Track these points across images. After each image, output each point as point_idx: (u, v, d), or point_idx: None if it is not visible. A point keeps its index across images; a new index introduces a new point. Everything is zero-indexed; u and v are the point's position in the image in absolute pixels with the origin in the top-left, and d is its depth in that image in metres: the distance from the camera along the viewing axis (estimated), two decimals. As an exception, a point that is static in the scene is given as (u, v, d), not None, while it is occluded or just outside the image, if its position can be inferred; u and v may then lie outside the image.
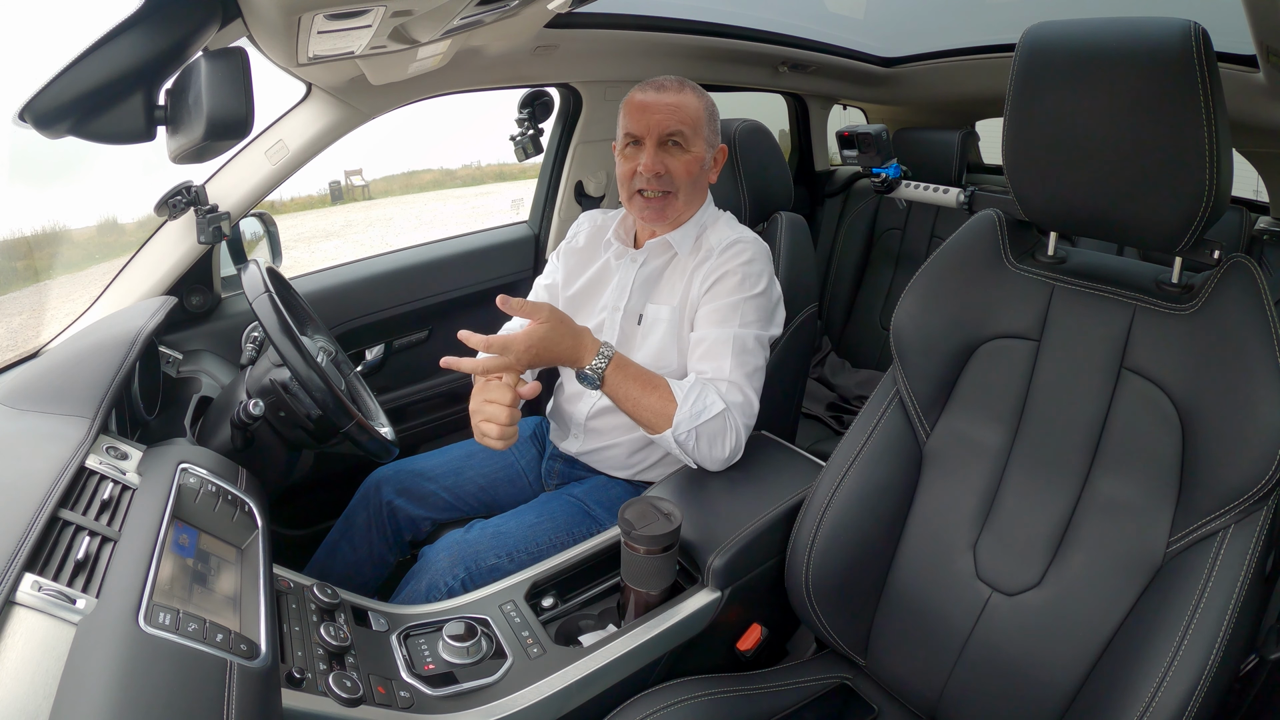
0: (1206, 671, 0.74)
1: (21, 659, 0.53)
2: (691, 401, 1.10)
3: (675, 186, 1.23)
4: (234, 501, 0.85)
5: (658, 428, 1.10)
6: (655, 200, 1.23)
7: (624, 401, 1.11)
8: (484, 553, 1.15)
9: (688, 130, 1.21)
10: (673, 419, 1.09)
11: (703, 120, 1.23)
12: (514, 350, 1.03)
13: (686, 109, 1.21)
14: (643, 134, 1.21)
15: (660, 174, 1.21)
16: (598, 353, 1.09)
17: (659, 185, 1.22)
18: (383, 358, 1.74)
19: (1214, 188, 0.76)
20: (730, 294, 1.20)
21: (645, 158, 1.20)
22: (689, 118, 1.21)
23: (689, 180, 1.23)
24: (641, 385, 1.10)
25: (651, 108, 1.20)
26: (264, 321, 0.97)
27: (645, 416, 1.10)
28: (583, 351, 1.09)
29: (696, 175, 1.24)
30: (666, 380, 1.12)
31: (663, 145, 1.21)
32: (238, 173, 1.41)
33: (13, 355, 1.22)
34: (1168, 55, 0.74)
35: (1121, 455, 0.87)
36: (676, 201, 1.24)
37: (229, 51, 0.83)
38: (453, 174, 14.15)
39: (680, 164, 1.22)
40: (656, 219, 1.26)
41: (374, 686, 0.83)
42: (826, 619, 1.03)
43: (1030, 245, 1.01)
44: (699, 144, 1.23)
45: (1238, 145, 1.67)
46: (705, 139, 1.24)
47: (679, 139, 1.21)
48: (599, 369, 1.09)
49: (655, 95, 1.21)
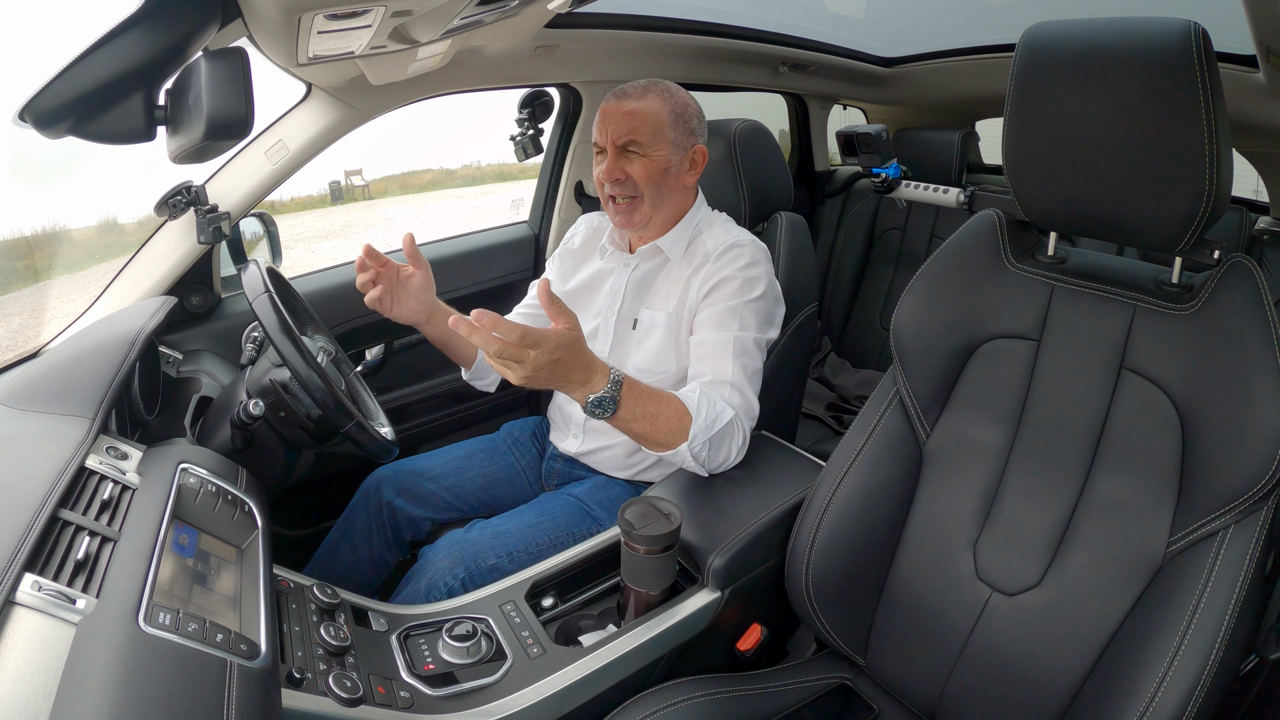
0: (1206, 671, 0.74)
1: (21, 659, 0.53)
2: (704, 412, 1.07)
3: (638, 191, 1.23)
4: (234, 501, 0.85)
5: (672, 443, 1.06)
6: (623, 205, 1.25)
7: (639, 421, 1.03)
8: (484, 553, 1.15)
9: (642, 137, 1.21)
10: (689, 432, 1.05)
11: (665, 123, 1.22)
12: (545, 347, 0.89)
13: (643, 115, 1.21)
14: (603, 143, 1.24)
15: (620, 180, 1.22)
16: (609, 376, 0.99)
17: (622, 190, 1.23)
18: (383, 358, 1.74)
19: (1214, 188, 0.76)
20: (730, 298, 1.20)
21: (606, 164, 1.23)
22: (644, 124, 1.21)
23: (651, 184, 1.23)
24: (656, 401, 1.04)
25: (609, 115, 1.23)
26: (264, 321, 0.97)
27: (660, 435, 1.05)
28: (594, 373, 0.98)
29: (660, 179, 1.23)
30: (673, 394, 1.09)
31: (622, 152, 1.22)
32: (238, 173, 1.41)
33: (13, 355, 1.22)
34: (1168, 55, 0.74)
35: (1121, 455, 0.87)
36: (643, 205, 1.24)
37: (229, 51, 0.83)
38: (453, 174, 14.15)
39: (639, 168, 1.22)
40: (625, 224, 1.27)
41: (374, 686, 0.83)
42: (826, 619, 1.03)
43: (1030, 245, 1.01)
44: (660, 147, 1.22)
45: (1238, 145, 1.67)
46: (671, 141, 1.23)
47: (634, 146, 1.22)
48: (616, 386, 0.99)
49: (615, 104, 1.23)
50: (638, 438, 1.07)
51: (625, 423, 1.03)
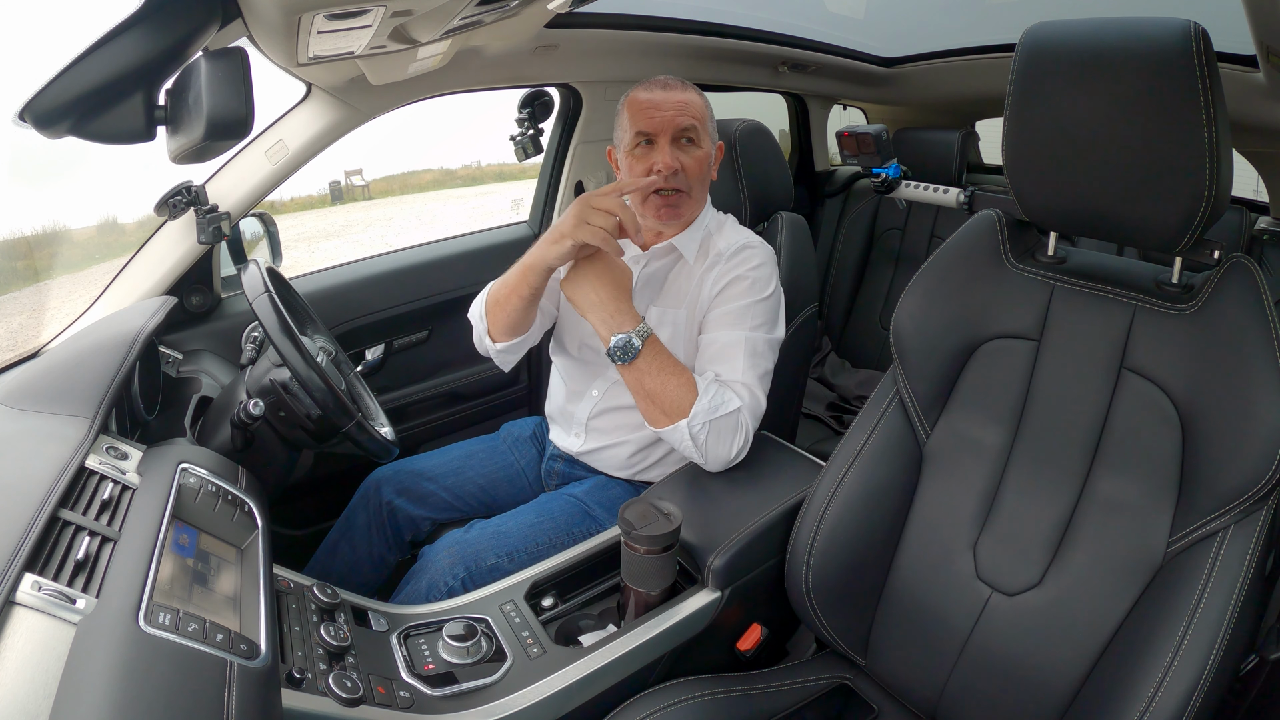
0: (1206, 671, 0.74)
1: (21, 659, 0.53)
2: (711, 395, 1.10)
3: (689, 184, 1.22)
4: (234, 501, 0.85)
5: (674, 416, 1.09)
6: (671, 198, 1.21)
7: (650, 378, 1.08)
8: (484, 552, 1.15)
9: (699, 126, 1.21)
10: (691, 408, 1.08)
11: (707, 117, 1.24)
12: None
13: (694, 106, 1.22)
14: (656, 131, 1.18)
15: (677, 170, 1.20)
16: (640, 322, 1.09)
17: (674, 183, 1.20)
18: (383, 358, 1.74)
19: (1214, 188, 0.76)
20: (741, 298, 1.20)
21: (661, 155, 1.18)
22: (698, 114, 1.22)
23: (699, 178, 1.23)
24: (671, 367, 1.10)
25: (662, 105, 1.19)
26: (264, 321, 0.97)
27: (665, 401, 1.09)
28: (629, 314, 1.09)
29: (704, 173, 1.24)
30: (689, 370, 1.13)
31: (676, 142, 1.20)
32: (238, 173, 1.41)
33: (13, 355, 1.22)
34: (1168, 55, 0.74)
35: (1121, 455, 0.87)
36: (689, 199, 1.23)
37: (229, 51, 0.83)
38: (453, 174, 14.14)
39: (693, 161, 1.21)
40: (672, 217, 1.24)
41: (374, 686, 0.83)
42: (826, 619, 1.03)
43: (1030, 245, 1.01)
44: (707, 141, 1.24)
45: (1238, 145, 1.66)
46: (710, 136, 1.25)
47: (692, 135, 1.20)
48: (643, 334, 1.08)
49: (663, 93, 1.20)
50: (646, 397, 1.10)
51: (640, 374, 1.09)
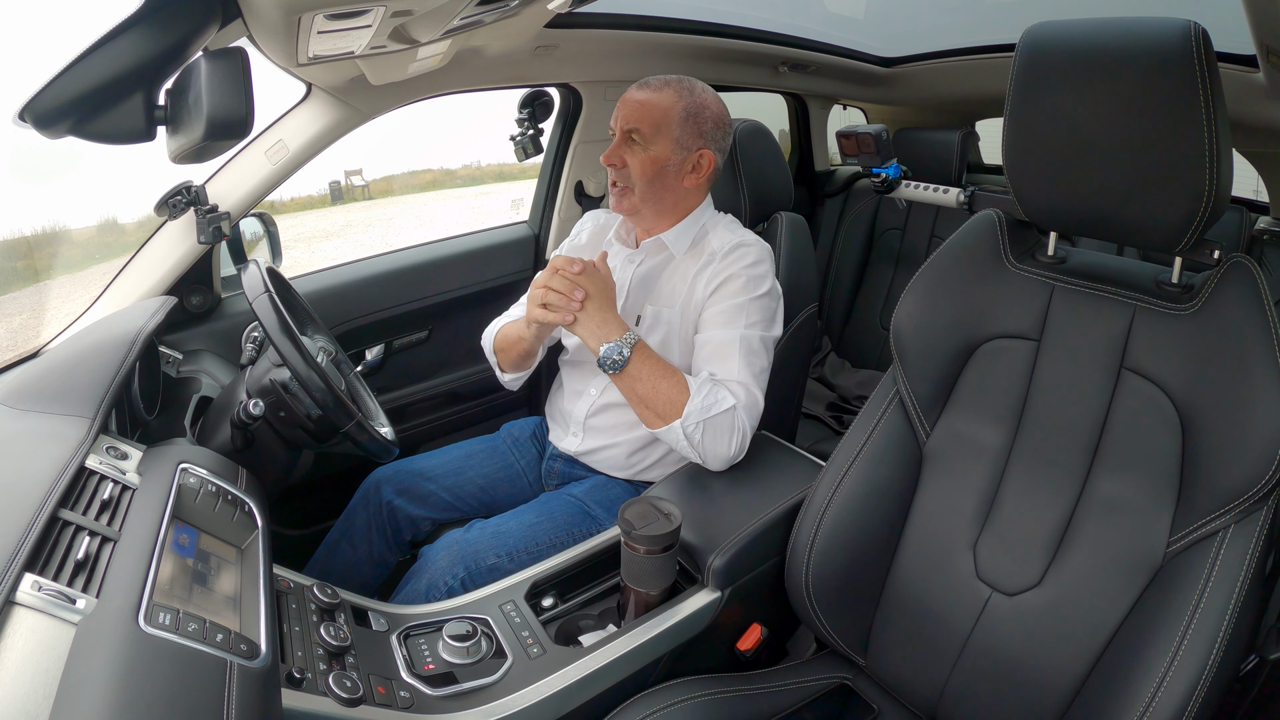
0: (1206, 672, 0.74)
1: (21, 659, 0.53)
2: (704, 394, 1.10)
3: (630, 182, 1.24)
4: (234, 501, 0.85)
5: (668, 417, 1.10)
6: (616, 190, 1.27)
7: (641, 383, 1.11)
8: (484, 552, 1.15)
9: (645, 129, 1.21)
10: (684, 409, 1.09)
11: (672, 120, 1.21)
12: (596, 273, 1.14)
13: (651, 107, 1.21)
14: (614, 127, 1.26)
15: (617, 166, 1.24)
16: (627, 330, 1.13)
17: (616, 177, 1.25)
18: (383, 358, 1.74)
19: (1214, 188, 0.76)
20: (735, 295, 1.20)
21: (611, 149, 1.25)
22: (649, 116, 1.21)
23: (643, 178, 1.23)
24: (662, 371, 1.12)
25: (627, 102, 1.24)
26: (264, 321, 0.97)
27: (659, 404, 1.11)
28: (612, 327, 1.13)
29: (653, 175, 1.23)
30: (681, 372, 1.14)
31: (626, 140, 1.23)
32: (238, 173, 1.41)
33: (13, 355, 1.22)
34: (1168, 55, 0.74)
35: (1121, 455, 0.87)
36: (632, 196, 1.25)
37: (229, 51, 0.83)
38: (453, 174, 14.13)
39: (635, 160, 1.23)
40: (616, 206, 1.29)
41: (374, 686, 0.83)
42: (826, 619, 1.03)
43: (1030, 245, 1.01)
44: (660, 144, 1.22)
45: (1238, 145, 1.67)
46: (674, 139, 1.22)
47: (636, 136, 1.22)
48: (629, 342, 1.11)
49: (634, 92, 1.25)
50: (639, 402, 1.13)
51: (631, 381, 1.12)
